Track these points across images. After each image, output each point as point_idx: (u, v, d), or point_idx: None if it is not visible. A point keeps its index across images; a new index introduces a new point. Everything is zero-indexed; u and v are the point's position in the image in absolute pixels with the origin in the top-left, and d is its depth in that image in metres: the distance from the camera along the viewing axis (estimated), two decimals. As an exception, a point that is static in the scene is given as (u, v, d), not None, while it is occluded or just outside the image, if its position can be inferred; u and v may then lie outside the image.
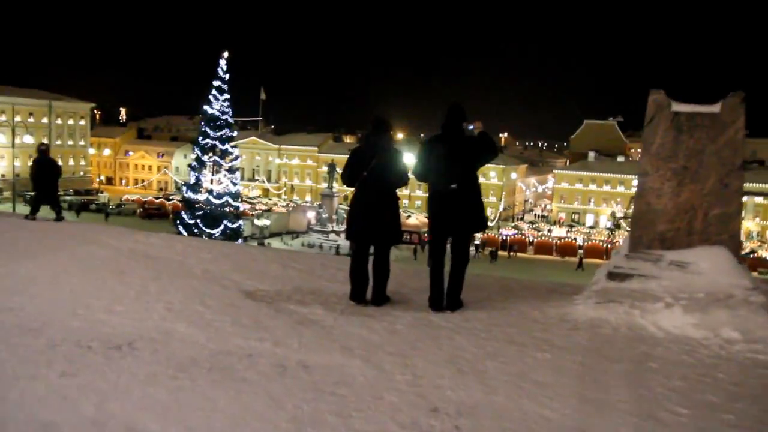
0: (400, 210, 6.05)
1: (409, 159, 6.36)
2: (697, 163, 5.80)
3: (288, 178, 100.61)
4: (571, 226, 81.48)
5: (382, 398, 3.76)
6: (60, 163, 13.60)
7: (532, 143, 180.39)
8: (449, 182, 5.49)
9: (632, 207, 6.32)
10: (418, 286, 6.48)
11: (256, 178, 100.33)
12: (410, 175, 5.88)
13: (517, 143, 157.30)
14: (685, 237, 5.87)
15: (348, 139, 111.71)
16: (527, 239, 67.59)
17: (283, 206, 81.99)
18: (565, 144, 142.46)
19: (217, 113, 41.98)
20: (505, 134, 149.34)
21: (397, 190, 5.85)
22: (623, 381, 4.18)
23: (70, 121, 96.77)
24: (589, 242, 68.56)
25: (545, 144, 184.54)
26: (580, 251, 62.79)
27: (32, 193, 12.44)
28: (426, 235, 48.83)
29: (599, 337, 5.06)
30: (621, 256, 6.09)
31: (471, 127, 5.70)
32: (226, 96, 42.28)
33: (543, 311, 5.74)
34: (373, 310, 5.66)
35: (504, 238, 64.57)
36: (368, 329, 5.06)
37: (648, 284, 5.70)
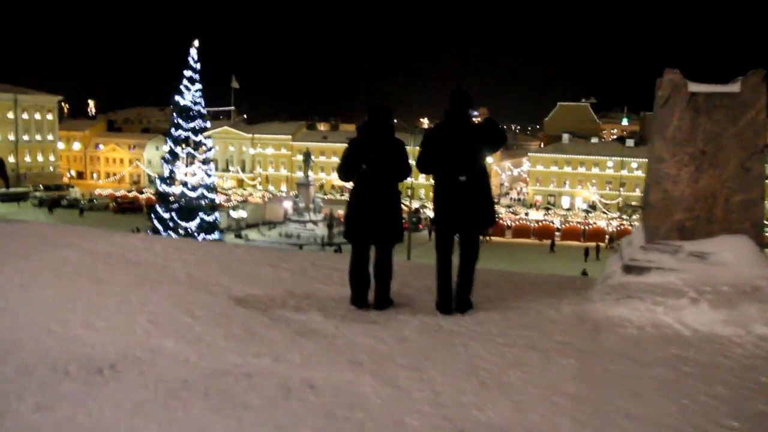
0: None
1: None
2: (716, 146, 5.44)
3: (262, 167, 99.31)
4: (548, 209, 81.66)
5: (402, 423, 3.34)
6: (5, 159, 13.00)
7: (505, 126, 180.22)
8: (457, 174, 5.05)
9: (644, 196, 5.95)
10: (421, 286, 6.05)
11: (230, 168, 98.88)
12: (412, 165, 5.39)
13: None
14: (705, 226, 5.52)
15: (322, 127, 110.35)
16: (505, 223, 67.50)
17: (258, 197, 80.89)
18: (538, 126, 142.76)
19: (190, 104, 40.87)
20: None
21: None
22: (662, 390, 3.82)
23: (37, 116, 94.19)
24: (566, 224, 68.77)
25: (519, 127, 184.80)
26: (557, 233, 62.97)
27: None
28: (406, 222, 48.30)
29: (624, 339, 4.70)
30: (636, 248, 5.71)
31: (475, 113, 5.28)
32: (198, 86, 41.20)
33: (559, 310, 5.36)
34: (377, 315, 5.21)
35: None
36: (375, 338, 4.63)
37: (668, 277, 5.34)
